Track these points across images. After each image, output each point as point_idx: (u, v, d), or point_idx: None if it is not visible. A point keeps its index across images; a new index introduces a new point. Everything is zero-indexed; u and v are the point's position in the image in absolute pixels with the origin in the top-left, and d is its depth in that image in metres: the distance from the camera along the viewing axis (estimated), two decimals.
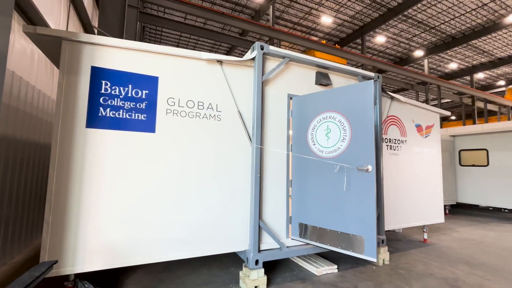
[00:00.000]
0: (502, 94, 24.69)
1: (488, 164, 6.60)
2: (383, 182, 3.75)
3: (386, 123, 4.03)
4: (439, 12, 14.79)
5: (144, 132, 2.53)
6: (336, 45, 17.12)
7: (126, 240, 2.37)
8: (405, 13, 14.60)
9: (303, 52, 14.79)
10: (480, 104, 21.48)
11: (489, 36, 16.72)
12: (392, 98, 4.08)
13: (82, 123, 2.32)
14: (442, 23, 15.79)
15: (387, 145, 4.02)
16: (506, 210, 7.45)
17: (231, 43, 11.80)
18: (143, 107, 2.54)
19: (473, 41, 17.27)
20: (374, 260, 2.54)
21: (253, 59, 3.05)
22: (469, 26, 16.03)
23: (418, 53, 18.70)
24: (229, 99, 2.94)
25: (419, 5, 13.89)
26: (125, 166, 2.43)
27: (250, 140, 2.99)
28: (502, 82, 24.18)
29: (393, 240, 4.63)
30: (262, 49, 3.01)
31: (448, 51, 18.43)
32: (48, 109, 3.99)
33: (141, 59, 2.58)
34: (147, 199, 2.49)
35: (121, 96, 2.46)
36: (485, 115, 21.13)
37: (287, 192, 3.18)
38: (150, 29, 16.25)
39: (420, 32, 16.80)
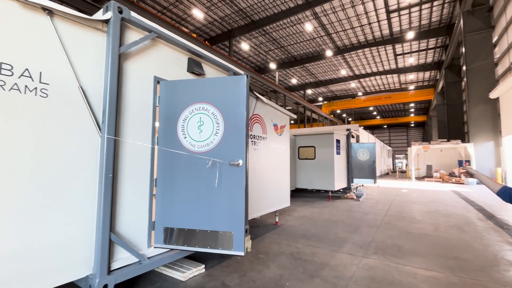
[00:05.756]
0: (320, 106, 34.17)
1: (315, 158, 8.75)
2: (248, 175, 4.00)
3: (251, 120, 4.33)
4: (287, 35, 18.25)
5: None
6: (206, 42, 17.32)
7: None
8: (264, 28, 16.93)
9: None
10: (308, 113, 28.70)
11: (315, 63, 22.57)
12: (257, 98, 4.44)
13: None
14: (289, 45, 19.61)
15: (252, 141, 4.34)
16: (322, 191, 10.24)
17: (77, 6, 9.13)
18: None
19: (306, 64, 22.71)
20: (242, 254, 2.58)
21: (107, 22, 2.31)
22: (305, 52, 20.87)
23: (272, 65, 22.32)
24: (65, 68, 2.07)
25: (274, 24, 16.52)
26: None
27: (99, 129, 2.25)
28: (321, 98, 33.45)
29: (253, 227, 5.10)
30: (120, 12, 2.34)
31: (291, 68, 23.23)
32: None
33: None
34: None
35: None
36: (311, 121, 28.49)
37: (150, 194, 2.68)
38: None
39: (274, 48, 20.07)
